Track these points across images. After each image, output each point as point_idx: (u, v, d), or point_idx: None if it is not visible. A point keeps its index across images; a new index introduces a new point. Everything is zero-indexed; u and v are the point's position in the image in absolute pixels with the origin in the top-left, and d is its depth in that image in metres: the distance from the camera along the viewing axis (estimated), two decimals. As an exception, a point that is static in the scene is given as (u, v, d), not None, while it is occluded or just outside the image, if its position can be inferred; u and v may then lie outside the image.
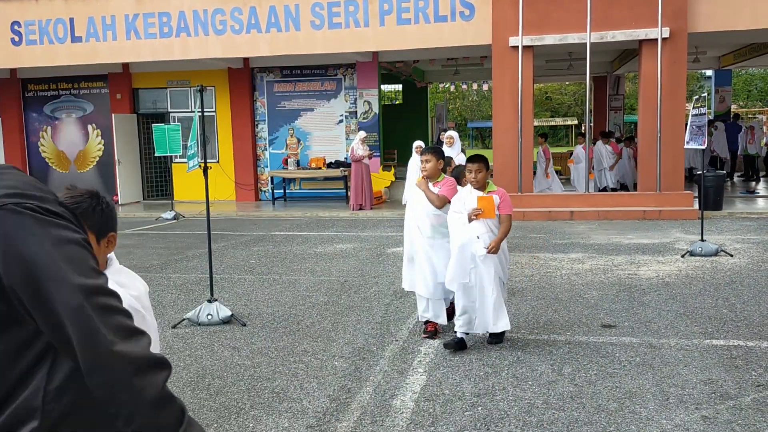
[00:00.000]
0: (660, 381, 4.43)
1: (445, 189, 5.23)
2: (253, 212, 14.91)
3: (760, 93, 41.60)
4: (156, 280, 8.09)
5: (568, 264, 8.32)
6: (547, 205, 12.92)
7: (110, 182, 17.72)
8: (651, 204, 12.62)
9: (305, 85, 16.64)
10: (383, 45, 14.15)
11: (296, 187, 16.95)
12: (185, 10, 14.70)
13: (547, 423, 3.86)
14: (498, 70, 13.41)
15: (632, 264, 8.22)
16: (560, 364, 4.81)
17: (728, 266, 7.94)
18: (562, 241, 10.07)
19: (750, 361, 4.75)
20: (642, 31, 12.73)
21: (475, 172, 5.03)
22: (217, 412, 4.15)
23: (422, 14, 13.73)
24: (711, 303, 6.34)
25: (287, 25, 14.34)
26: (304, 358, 5.09)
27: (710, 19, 12.66)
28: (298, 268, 8.52)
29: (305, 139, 16.80)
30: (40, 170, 18.37)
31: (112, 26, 15.09)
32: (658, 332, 5.48)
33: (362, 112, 16.18)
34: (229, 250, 10.10)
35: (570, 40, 13.02)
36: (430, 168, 5.27)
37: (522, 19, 12.93)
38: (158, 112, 17.56)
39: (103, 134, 17.76)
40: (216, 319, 6.01)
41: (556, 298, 6.66)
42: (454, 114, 45.58)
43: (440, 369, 4.77)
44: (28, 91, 18.13)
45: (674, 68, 12.78)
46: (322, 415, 4.07)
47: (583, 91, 39.75)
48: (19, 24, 15.54)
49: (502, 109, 13.47)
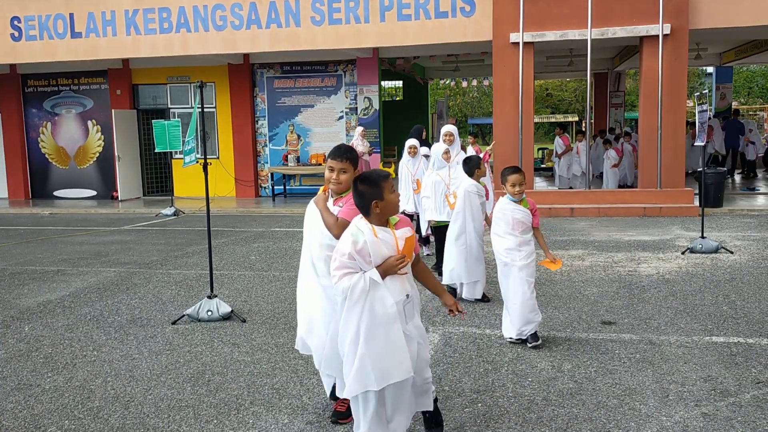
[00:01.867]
0: (660, 378, 4.43)
1: (347, 210, 3.57)
2: (253, 208, 14.91)
3: (761, 90, 41.56)
4: (156, 276, 8.09)
5: (569, 261, 8.31)
6: (548, 202, 12.90)
7: (110, 178, 17.72)
8: (651, 201, 12.62)
9: (305, 81, 16.62)
10: (384, 41, 14.12)
11: (296, 184, 16.95)
12: (185, 6, 14.67)
13: (546, 420, 3.86)
14: (498, 67, 13.39)
15: (632, 261, 8.21)
16: (560, 360, 4.81)
17: (728, 263, 7.94)
18: (563, 238, 10.06)
19: (750, 358, 4.75)
20: (643, 27, 12.70)
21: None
22: (216, 408, 4.15)
23: (423, 10, 13.71)
24: (711, 300, 6.33)
25: (287, 21, 14.32)
26: (304, 355, 5.08)
27: (711, 16, 12.64)
28: (298, 265, 8.50)
29: (305, 136, 16.78)
30: (40, 166, 18.36)
31: (112, 22, 15.07)
32: (658, 329, 5.48)
33: (362, 108, 16.17)
34: (229, 246, 10.09)
35: (571, 36, 13.00)
36: (345, 181, 3.67)
37: (523, 15, 12.90)
38: (158, 108, 17.54)
39: (102, 130, 17.75)
40: (216, 316, 6.01)
41: (555, 295, 6.66)
42: (454, 110, 45.54)
43: (440, 366, 4.77)
44: (27, 87, 18.11)
45: (675, 65, 12.76)
46: (322, 411, 4.06)
47: (583, 87, 39.71)
48: (18, 19, 15.51)
49: (503, 106, 13.45)
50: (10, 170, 18.27)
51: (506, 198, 5.19)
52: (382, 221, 3.22)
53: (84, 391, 4.49)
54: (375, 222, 3.21)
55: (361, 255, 3.14)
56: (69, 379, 4.72)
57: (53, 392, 4.49)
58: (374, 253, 3.15)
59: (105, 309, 6.61)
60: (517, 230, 5.13)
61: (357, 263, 3.14)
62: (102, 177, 17.92)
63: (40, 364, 5.05)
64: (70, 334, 5.80)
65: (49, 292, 7.40)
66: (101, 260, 9.21)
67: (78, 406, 4.26)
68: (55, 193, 18.33)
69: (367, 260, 3.15)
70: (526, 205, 5.14)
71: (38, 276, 8.30)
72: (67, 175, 18.22)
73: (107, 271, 8.46)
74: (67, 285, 7.75)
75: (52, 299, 7.09)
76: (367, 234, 3.16)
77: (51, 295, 7.26)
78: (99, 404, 4.27)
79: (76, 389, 4.54)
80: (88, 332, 5.85)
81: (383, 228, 3.21)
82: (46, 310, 6.67)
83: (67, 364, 5.05)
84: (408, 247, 3.24)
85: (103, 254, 9.65)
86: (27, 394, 4.47)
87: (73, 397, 4.39)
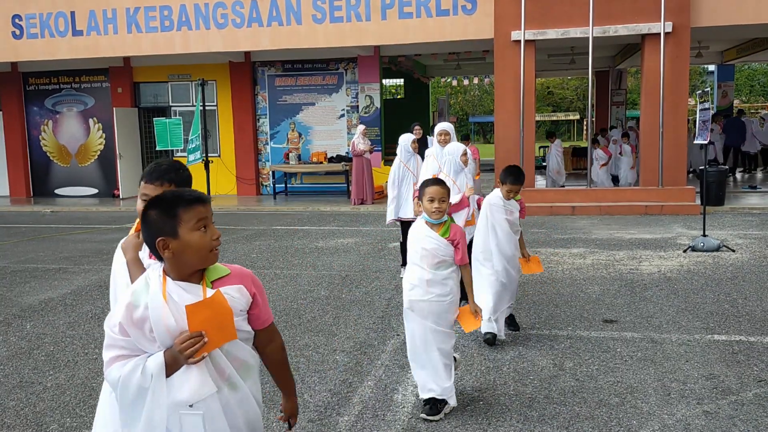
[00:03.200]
0: (661, 376, 4.43)
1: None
2: (255, 206, 14.91)
3: (763, 88, 41.51)
4: (157, 274, 8.08)
5: (570, 259, 8.31)
6: (549, 200, 12.90)
7: (111, 176, 17.73)
8: (653, 199, 12.61)
9: (306, 79, 16.61)
10: (385, 39, 14.11)
11: (297, 182, 16.94)
12: (186, 4, 14.67)
13: (548, 418, 3.85)
14: (500, 65, 13.38)
15: (634, 259, 8.21)
16: (561, 359, 4.80)
17: (730, 261, 7.93)
18: (564, 236, 10.06)
19: (751, 357, 4.75)
20: (645, 25, 12.68)
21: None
22: (218, 406, 4.14)
23: (424, 8, 13.70)
24: (713, 298, 6.33)
25: (289, 19, 14.31)
26: (305, 352, 5.09)
27: (713, 14, 12.62)
28: (300, 263, 8.52)
29: (306, 134, 16.78)
30: (42, 164, 18.37)
31: (113, 20, 15.06)
32: (659, 327, 5.48)
33: (364, 106, 16.16)
34: (230, 244, 10.09)
35: (572, 34, 12.98)
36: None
37: (524, 13, 12.89)
38: (159, 106, 17.54)
39: (104, 128, 17.75)
40: (217, 313, 5.99)
41: (557, 293, 6.65)
42: (455, 108, 45.53)
43: (441, 363, 4.77)
44: (29, 85, 18.11)
45: (677, 63, 12.74)
46: (323, 409, 4.07)
47: (585, 85, 39.67)
48: (20, 17, 15.51)
49: (504, 104, 13.44)
50: (12, 168, 18.28)
51: (422, 218, 3.87)
52: (184, 272, 2.02)
53: (86, 389, 4.49)
54: (174, 273, 2.02)
55: (138, 327, 1.96)
56: (71, 377, 4.72)
57: (55, 390, 4.50)
58: (158, 325, 1.95)
59: (106, 307, 6.61)
60: (426, 263, 3.79)
61: (132, 341, 1.97)
62: (103, 175, 17.93)
63: (42, 362, 5.05)
64: (71, 332, 5.81)
65: (51, 290, 7.41)
66: (103, 258, 9.21)
67: (80, 403, 4.26)
68: (56, 191, 18.34)
69: (148, 336, 1.97)
70: (445, 233, 3.78)
71: (40, 274, 8.31)
72: (69, 173, 18.23)
73: (109, 269, 8.42)
74: (68, 283, 7.75)
75: (53, 297, 7.09)
76: (152, 292, 1.98)
77: (52, 293, 7.26)
78: (101, 402, 4.28)
79: (78, 387, 4.54)
80: (90, 330, 5.85)
81: (188, 284, 2.01)
82: (48, 308, 6.67)
83: (69, 361, 5.05)
84: (212, 320, 1.95)
85: (104, 252, 9.66)
86: (29, 392, 4.48)
87: (75, 395, 4.40)
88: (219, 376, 2.02)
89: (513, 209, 5.14)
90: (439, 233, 3.76)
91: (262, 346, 2.22)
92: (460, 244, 3.77)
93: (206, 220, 2.04)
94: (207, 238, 2.02)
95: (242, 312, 2.09)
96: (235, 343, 2.05)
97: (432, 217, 3.75)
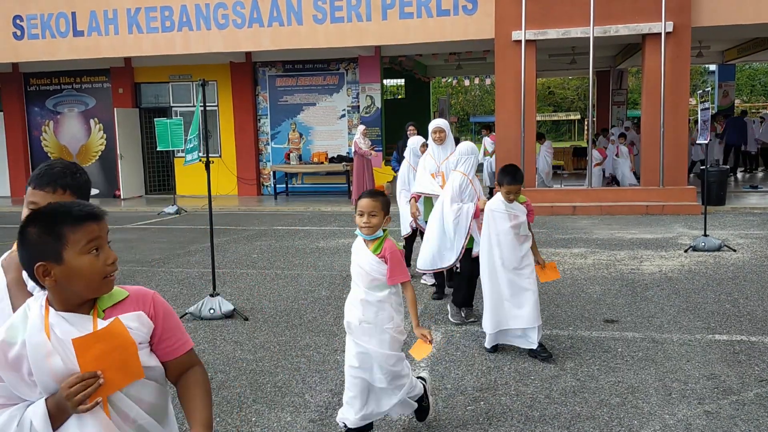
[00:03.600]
0: (662, 376, 4.42)
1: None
2: (256, 207, 14.91)
3: (764, 88, 41.48)
4: (158, 274, 8.10)
5: (571, 259, 8.31)
6: (550, 200, 12.89)
7: (112, 177, 17.74)
8: (654, 199, 12.60)
9: (307, 79, 16.62)
10: (385, 39, 14.11)
11: (298, 182, 16.95)
12: (187, 4, 14.67)
13: (549, 418, 3.85)
14: (501, 65, 13.38)
15: (635, 259, 8.20)
16: (562, 359, 4.80)
17: (731, 261, 7.92)
18: (565, 236, 10.05)
19: (753, 356, 4.74)
20: (645, 25, 12.68)
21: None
22: (219, 407, 4.15)
23: (425, 8, 13.70)
24: (714, 298, 6.33)
25: (289, 19, 14.31)
26: (306, 353, 5.09)
27: (714, 14, 12.61)
28: (301, 263, 8.52)
29: (307, 134, 16.79)
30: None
31: (114, 20, 15.08)
32: (660, 327, 5.47)
33: (364, 106, 16.16)
34: (231, 244, 10.10)
35: (573, 34, 12.98)
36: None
37: (525, 13, 12.88)
38: (160, 106, 17.55)
39: (105, 128, 17.77)
40: (218, 314, 6.01)
41: (558, 293, 6.65)
42: (456, 108, 45.52)
43: (442, 364, 4.77)
44: (30, 86, 18.13)
45: (678, 63, 12.74)
46: (324, 409, 4.07)
47: (585, 85, 39.66)
48: (21, 18, 15.52)
49: (505, 104, 13.44)
50: (13, 168, 18.30)
51: (360, 234, 3.50)
52: (71, 303, 1.67)
53: (87, 389, 4.49)
54: (57, 305, 1.67)
55: (15, 369, 1.62)
56: (72, 377, 4.72)
57: (56, 390, 4.49)
58: (38, 366, 1.60)
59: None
60: (362, 282, 3.46)
61: (7, 386, 1.63)
62: (104, 175, 17.94)
63: None
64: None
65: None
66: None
67: (81, 404, 4.25)
68: (57, 192, 18.33)
69: (27, 381, 1.62)
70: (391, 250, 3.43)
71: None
72: (70, 174, 18.21)
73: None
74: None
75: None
76: (30, 327, 1.63)
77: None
78: (102, 402, 4.27)
79: (79, 387, 4.53)
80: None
81: (73, 315, 1.67)
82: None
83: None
84: (108, 355, 1.61)
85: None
86: (30, 392, 4.47)
87: (76, 395, 4.39)
88: (123, 421, 1.67)
89: (518, 213, 4.79)
90: (371, 249, 3.41)
91: (179, 376, 1.83)
92: (390, 261, 3.37)
93: (99, 240, 1.66)
94: (99, 263, 1.66)
95: (143, 345, 1.72)
96: (139, 382, 1.68)
97: (363, 233, 3.41)
